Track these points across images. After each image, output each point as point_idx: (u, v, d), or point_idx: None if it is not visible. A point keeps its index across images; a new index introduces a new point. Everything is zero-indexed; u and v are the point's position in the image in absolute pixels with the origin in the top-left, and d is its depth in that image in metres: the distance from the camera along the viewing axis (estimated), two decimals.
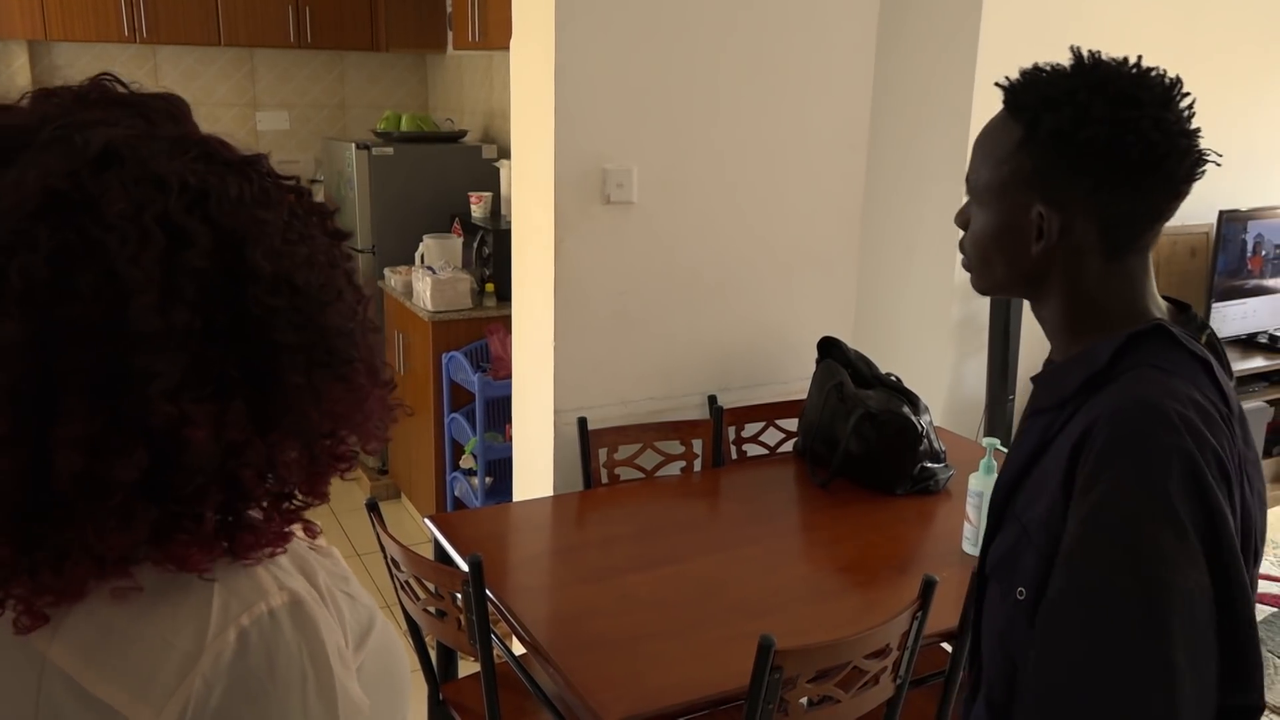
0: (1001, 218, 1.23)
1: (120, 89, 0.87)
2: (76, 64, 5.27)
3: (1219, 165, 1.18)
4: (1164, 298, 1.26)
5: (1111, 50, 1.18)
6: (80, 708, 0.82)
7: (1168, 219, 1.20)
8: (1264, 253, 4.64)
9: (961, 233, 1.33)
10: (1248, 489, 1.14)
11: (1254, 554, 1.17)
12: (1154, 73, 1.16)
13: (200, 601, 0.84)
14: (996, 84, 1.25)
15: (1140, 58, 1.17)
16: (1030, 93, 1.19)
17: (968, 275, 1.33)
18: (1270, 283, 4.75)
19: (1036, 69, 1.20)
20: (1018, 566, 1.21)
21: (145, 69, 5.42)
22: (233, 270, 0.79)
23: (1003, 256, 1.25)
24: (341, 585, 0.97)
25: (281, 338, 0.81)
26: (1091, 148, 1.14)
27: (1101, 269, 1.20)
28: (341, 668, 0.88)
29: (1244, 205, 4.53)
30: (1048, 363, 1.31)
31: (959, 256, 1.33)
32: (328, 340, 0.84)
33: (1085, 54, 1.18)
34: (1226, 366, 1.23)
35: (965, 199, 1.32)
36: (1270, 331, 4.87)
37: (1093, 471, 1.11)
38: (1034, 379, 1.31)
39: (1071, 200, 1.17)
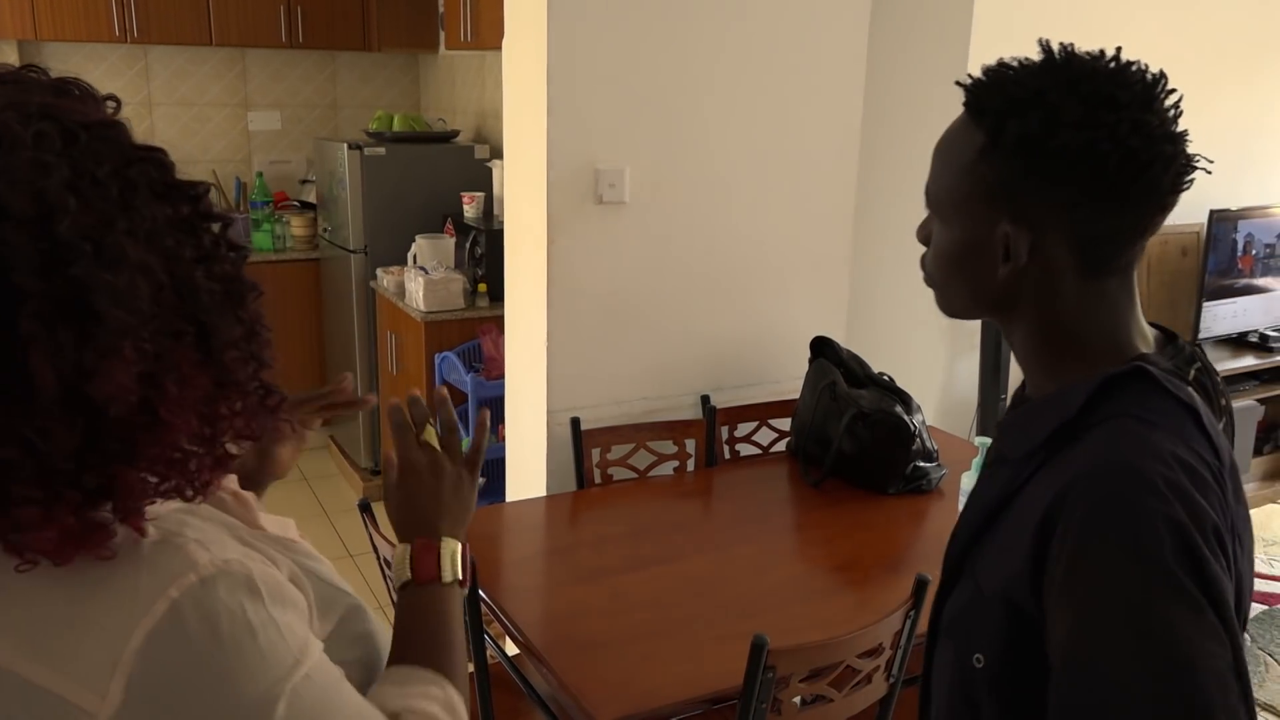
0: (964, 235, 1.09)
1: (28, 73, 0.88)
2: (67, 64, 5.25)
3: (1209, 173, 1.05)
4: (1150, 324, 1.13)
5: (1102, 42, 1.06)
6: (26, 701, 0.83)
7: (1153, 233, 1.06)
8: (1254, 252, 4.66)
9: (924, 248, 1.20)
10: (1239, 550, 1.01)
11: (1244, 618, 1.05)
12: (1134, 68, 1.02)
13: (127, 581, 0.84)
14: (957, 83, 1.09)
15: (1119, 50, 1.03)
16: (994, 94, 1.04)
17: None
18: (1260, 282, 4.77)
19: (1002, 66, 1.05)
20: (974, 631, 1.08)
21: (136, 69, 5.41)
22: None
23: (965, 278, 1.11)
24: (312, 570, 1.01)
25: (20, 281, 0.77)
26: (1064, 157, 1.00)
27: (1077, 292, 1.06)
28: (291, 615, 0.91)
29: (1234, 205, 4.55)
30: (1019, 398, 1.19)
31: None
32: (84, 296, 0.79)
33: (1056, 48, 1.05)
34: (1218, 405, 1.11)
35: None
36: (1261, 330, 4.90)
37: (1075, 551, 0.96)
38: (998, 424, 1.18)
39: (1042, 216, 1.03)
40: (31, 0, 4.80)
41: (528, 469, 3.13)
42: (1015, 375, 4.07)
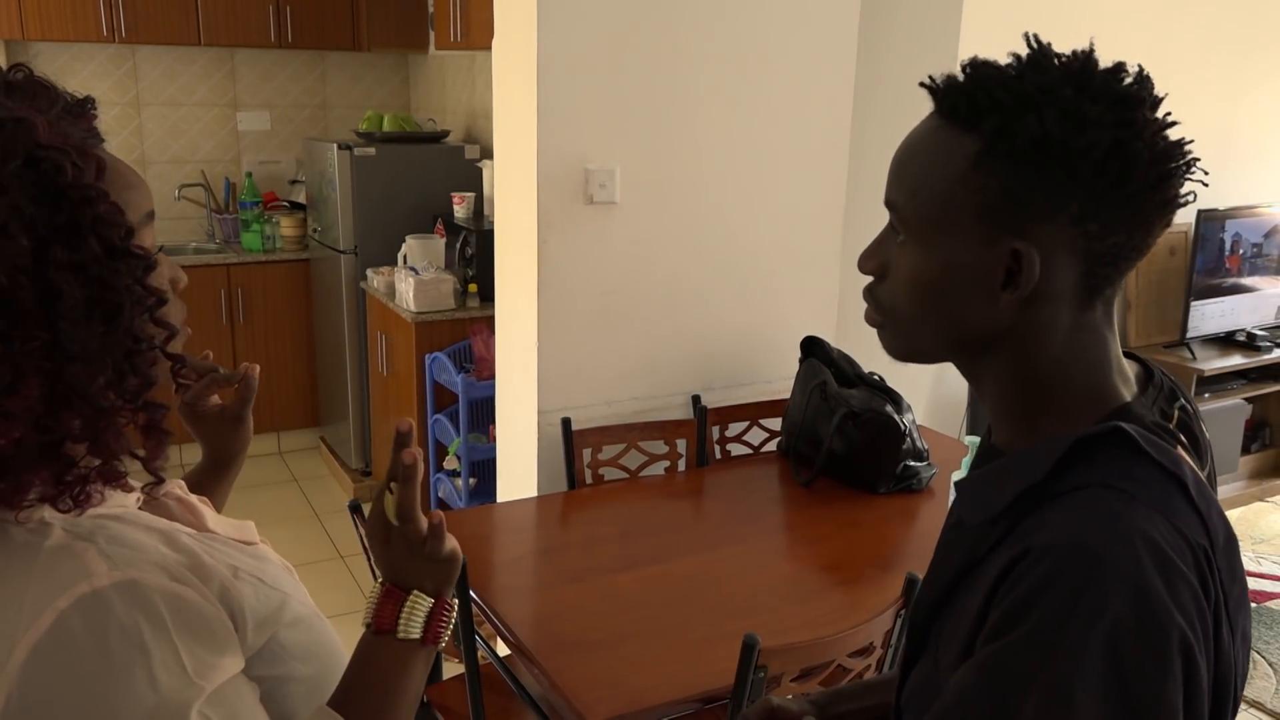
0: (950, 259, 0.93)
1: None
2: (55, 64, 5.24)
3: (1205, 185, 0.92)
4: (1126, 355, 1.00)
5: (1088, 42, 0.93)
6: None
7: (1146, 254, 0.94)
8: (1241, 251, 4.68)
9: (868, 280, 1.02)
10: (1228, 633, 0.88)
11: (1234, 703, 0.91)
12: (1124, 67, 0.91)
13: (14, 590, 0.83)
14: (924, 84, 0.95)
15: (1091, 45, 0.93)
16: (991, 92, 0.89)
17: None
18: (1247, 281, 4.80)
19: (985, 64, 0.92)
20: (924, 709, 0.95)
21: (124, 69, 5.39)
22: None
23: (946, 311, 0.95)
24: (256, 573, 0.98)
25: None
26: (1089, 159, 0.86)
27: (1070, 324, 0.93)
28: (203, 629, 0.87)
29: (1221, 205, 4.57)
30: (986, 451, 1.05)
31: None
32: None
33: (1037, 42, 0.93)
34: (1203, 455, 0.99)
35: (878, 236, 1.01)
36: (1248, 329, 4.93)
37: (1000, 621, 0.86)
38: (958, 484, 1.04)
39: (1052, 231, 0.89)
40: (19, 0, 4.79)
41: (518, 469, 3.13)
42: None
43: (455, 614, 1.10)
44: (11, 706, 0.79)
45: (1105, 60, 0.91)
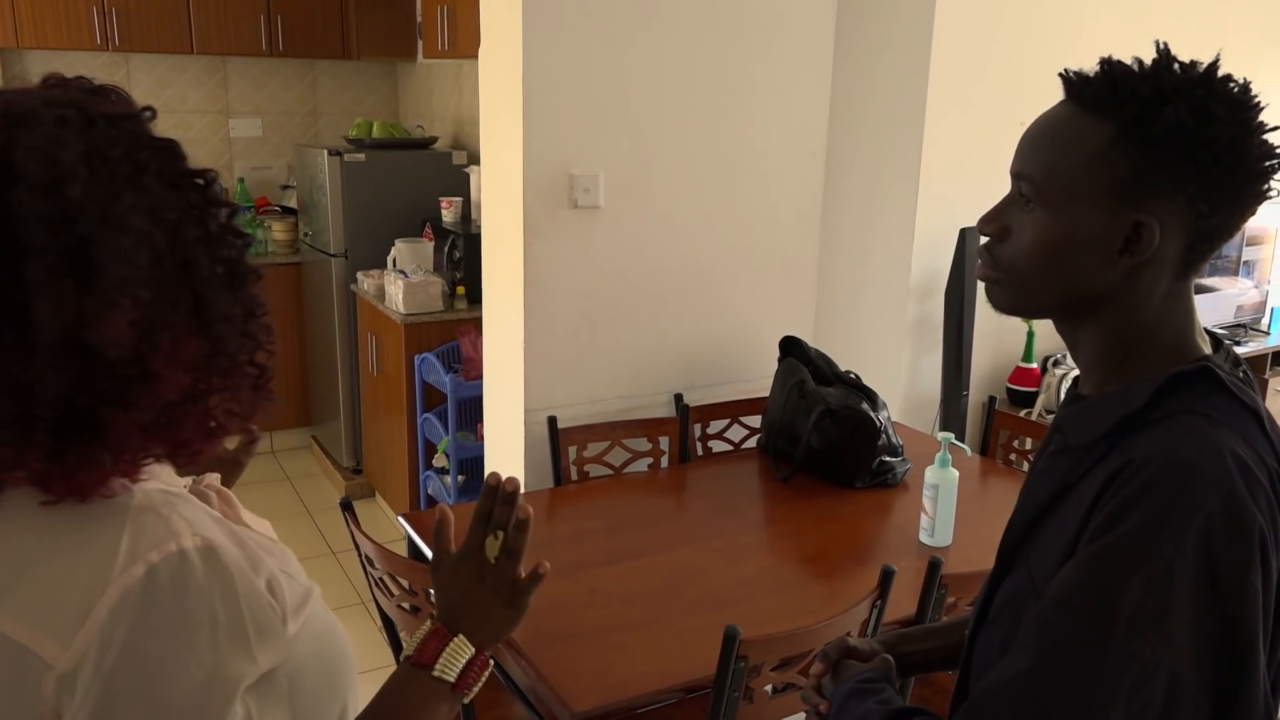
0: (1078, 225, 1.06)
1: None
2: (48, 72, 5.26)
3: None
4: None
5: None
6: None
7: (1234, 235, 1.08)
8: None
9: (984, 240, 1.15)
10: None
11: None
12: (1232, 77, 1.04)
13: (110, 539, 0.88)
14: (1062, 75, 1.08)
15: (1217, 56, 1.06)
16: (1133, 85, 1.02)
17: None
18: (1209, 281, 4.83)
19: (1120, 63, 1.05)
20: (1020, 615, 1.06)
21: (118, 77, 5.39)
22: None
23: (1066, 271, 1.08)
24: (283, 567, 1.03)
25: (29, 237, 0.84)
26: (1211, 149, 1.00)
27: (1168, 291, 1.07)
28: (261, 612, 0.92)
29: None
30: (1074, 395, 1.17)
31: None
32: (88, 251, 0.86)
33: (1165, 48, 1.05)
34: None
35: (1000, 202, 1.14)
36: (1208, 329, 4.96)
37: (1105, 520, 0.98)
38: (1058, 417, 1.16)
39: (1170, 207, 1.02)
40: (13, 8, 4.81)
41: (506, 466, 3.14)
42: (977, 373, 4.15)
43: (488, 675, 1.12)
44: (97, 642, 0.84)
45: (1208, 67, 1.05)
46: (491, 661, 1.13)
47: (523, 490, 1.17)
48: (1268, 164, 1.02)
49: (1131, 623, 0.93)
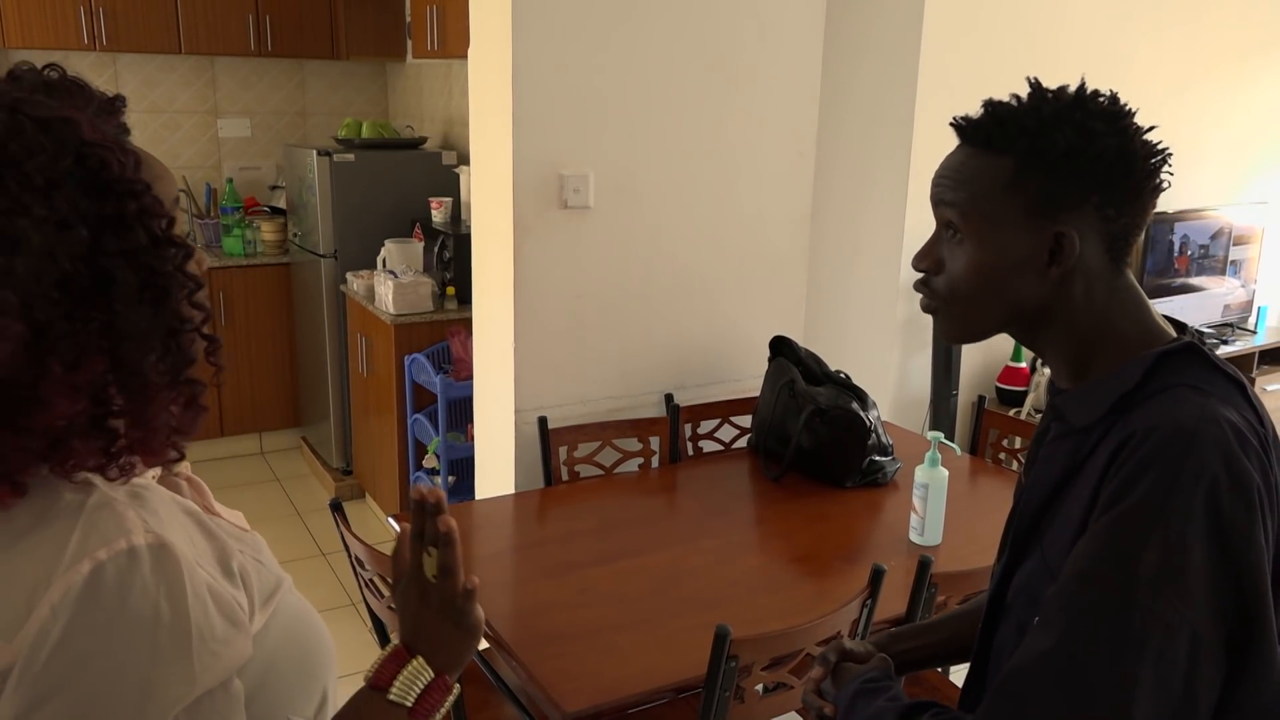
0: (1006, 248, 1.16)
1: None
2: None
3: (1172, 175, 1.17)
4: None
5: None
6: None
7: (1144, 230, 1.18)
8: (1189, 253, 4.76)
9: (918, 277, 1.24)
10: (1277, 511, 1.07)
11: None
12: (1100, 92, 1.15)
13: (59, 535, 0.87)
14: (952, 123, 1.20)
15: (1083, 80, 1.16)
16: (1016, 121, 1.14)
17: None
18: (1195, 281, 4.85)
19: (999, 102, 1.17)
20: (1038, 597, 1.11)
21: (105, 76, 5.40)
22: None
23: (1003, 291, 1.17)
24: (253, 554, 1.02)
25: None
26: (1103, 160, 1.11)
27: (1108, 288, 1.16)
28: (203, 615, 0.91)
29: (1170, 208, 4.64)
30: (1055, 391, 1.24)
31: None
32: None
33: (1036, 82, 1.17)
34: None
35: (929, 240, 1.23)
36: (1196, 328, 4.97)
37: (1115, 491, 1.04)
38: (1055, 402, 1.23)
39: (1082, 217, 1.13)
40: (0, 8, 4.79)
41: (496, 467, 3.15)
42: (967, 372, 4.16)
43: (452, 699, 1.08)
44: (40, 639, 0.84)
45: (1067, 85, 1.16)
46: (456, 687, 1.09)
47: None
48: (1153, 161, 1.13)
49: (1152, 585, 0.98)
